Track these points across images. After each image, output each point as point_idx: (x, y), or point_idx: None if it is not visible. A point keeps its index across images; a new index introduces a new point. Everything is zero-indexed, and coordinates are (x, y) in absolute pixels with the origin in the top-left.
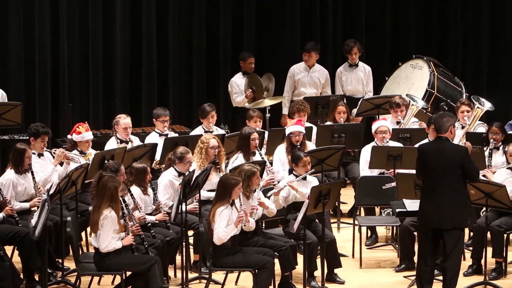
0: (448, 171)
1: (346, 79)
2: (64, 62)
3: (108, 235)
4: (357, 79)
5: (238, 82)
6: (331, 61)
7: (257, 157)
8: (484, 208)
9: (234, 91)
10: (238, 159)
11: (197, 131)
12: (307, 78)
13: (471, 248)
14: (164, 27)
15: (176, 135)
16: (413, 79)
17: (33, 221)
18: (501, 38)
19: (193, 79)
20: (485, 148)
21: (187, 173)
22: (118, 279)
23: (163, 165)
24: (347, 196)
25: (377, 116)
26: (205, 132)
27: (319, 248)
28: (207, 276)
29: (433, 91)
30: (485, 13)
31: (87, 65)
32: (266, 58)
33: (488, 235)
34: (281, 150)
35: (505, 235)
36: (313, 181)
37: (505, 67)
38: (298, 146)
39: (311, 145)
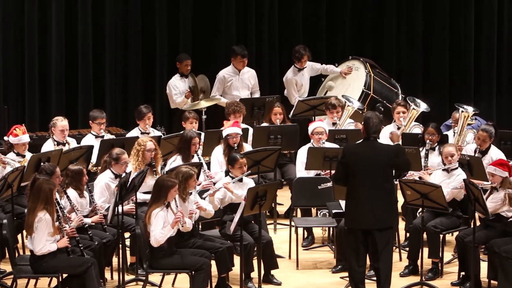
0: (379, 171)
1: (297, 83)
2: None
3: (43, 238)
4: (306, 81)
5: (176, 84)
6: (266, 62)
7: (194, 159)
8: (420, 209)
9: (174, 93)
10: (176, 161)
11: (134, 132)
12: (238, 81)
13: (407, 249)
14: (100, 29)
15: (113, 137)
16: (349, 80)
17: None
18: (435, 39)
19: (129, 81)
20: (421, 149)
21: (123, 174)
22: (54, 282)
23: (99, 167)
24: (284, 197)
25: (313, 118)
26: (142, 133)
27: (255, 249)
28: (144, 278)
29: (369, 92)
30: (420, 14)
31: (23, 67)
32: (202, 60)
33: (424, 235)
34: (218, 151)
35: (441, 236)
36: (249, 182)
37: (440, 69)
38: (235, 148)
39: (248, 147)
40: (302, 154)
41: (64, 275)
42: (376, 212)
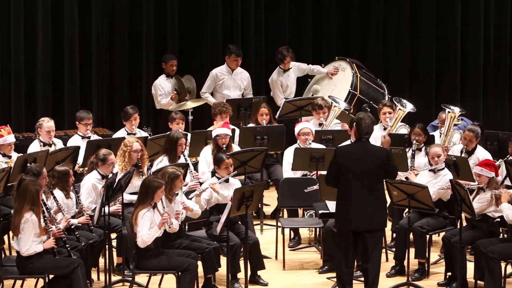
0: (371, 172)
1: (283, 84)
2: None
3: (29, 239)
4: (293, 81)
5: (162, 84)
6: (252, 62)
7: (181, 160)
8: (407, 209)
9: (159, 93)
10: (162, 162)
11: (120, 133)
12: (230, 81)
13: (394, 249)
14: (86, 29)
15: (99, 137)
16: (336, 81)
17: None
18: (421, 39)
19: (116, 82)
20: (407, 150)
21: (110, 175)
22: (41, 282)
23: (86, 168)
24: (270, 198)
25: (299, 118)
26: (128, 134)
27: (242, 250)
28: (131, 278)
29: (356, 93)
30: (406, 15)
31: (9, 67)
32: (188, 60)
33: (411, 236)
34: (207, 151)
35: (428, 236)
36: (235, 183)
37: (426, 69)
38: (224, 149)
39: (237, 148)
40: (288, 154)
41: (51, 276)
42: (367, 214)
